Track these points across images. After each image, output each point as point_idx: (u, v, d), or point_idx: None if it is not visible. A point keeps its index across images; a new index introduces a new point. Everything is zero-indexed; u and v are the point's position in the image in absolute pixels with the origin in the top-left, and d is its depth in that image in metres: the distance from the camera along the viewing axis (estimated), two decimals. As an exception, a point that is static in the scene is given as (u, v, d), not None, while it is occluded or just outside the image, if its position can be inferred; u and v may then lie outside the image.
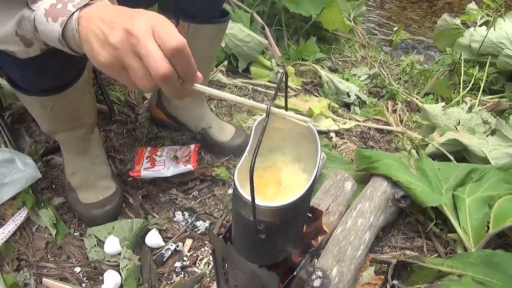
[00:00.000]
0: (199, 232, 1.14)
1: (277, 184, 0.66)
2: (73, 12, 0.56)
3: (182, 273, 1.05)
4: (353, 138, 1.53)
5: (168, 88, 0.54)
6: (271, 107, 0.56)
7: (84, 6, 0.57)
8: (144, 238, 1.10)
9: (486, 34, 1.86)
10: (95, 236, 1.09)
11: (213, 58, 1.25)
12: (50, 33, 0.59)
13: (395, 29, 2.68)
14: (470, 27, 2.05)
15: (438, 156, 1.37)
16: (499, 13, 1.88)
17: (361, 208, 1.10)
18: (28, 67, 0.82)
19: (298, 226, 0.73)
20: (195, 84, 0.57)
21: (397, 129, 1.57)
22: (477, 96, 1.69)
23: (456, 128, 1.45)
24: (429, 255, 1.14)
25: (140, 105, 1.48)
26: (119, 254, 1.05)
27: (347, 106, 1.72)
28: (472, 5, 2.27)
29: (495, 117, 1.46)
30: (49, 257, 1.06)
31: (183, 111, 1.30)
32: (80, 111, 1.03)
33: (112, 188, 1.14)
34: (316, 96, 1.73)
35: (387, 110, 1.71)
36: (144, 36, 0.51)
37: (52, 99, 0.92)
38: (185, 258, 1.08)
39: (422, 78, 1.99)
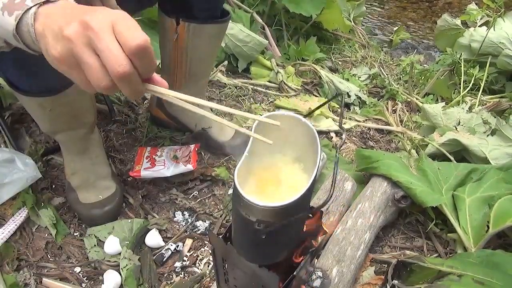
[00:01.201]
0: (199, 232, 1.14)
1: (277, 183, 0.66)
2: (30, 7, 0.53)
3: (182, 273, 1.05)
4: (353, 138, 1.53)
5: (127, 88, 0.50)
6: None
7: (45, 3, 0.53)
8: (144, 238, 1.10)
9: (486, 34, 1.86)
10: (95, 236, 1.09)
11: (213, 57, 1.25)
12: (4, 27, 0.56)
13: (395, 29, 2.68)
14: (470, 27, 2.05)
15: (438, 156, 1.37)
16: (499, 13, 1.88)
17: (361, 208, 1.10)
18: (26, 69, 0.82)
19: (298, 226, 0.73)
20: (165, 90, 0.53)
21: (397, 129, 1.57)
22: (477, 96, 1.69)
23: (456, 128, 1.45)
24: (429, 255, 1.14)
25: (140, 105, 1.48)
26: (119, 254, 1.05)
27: (347, 106, 1.72)
28: (472, 5, 2.27)
29: (495, 117, 1.46)
30: (49, 257, 1.06)
31: (183, 111, 1.29)
32: (80, 111, 1.02)
33: (112, 188, 1.14)
34: (316, 96, 1.73)
35: (387, 110, 1.71)
36: (103, 30, 0.47)
37: (51, 99, 0.92)
38: (185, 258, 1.08)
39: (422, 78, 1.99)
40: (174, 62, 1.16)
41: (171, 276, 1.04)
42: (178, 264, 1.06)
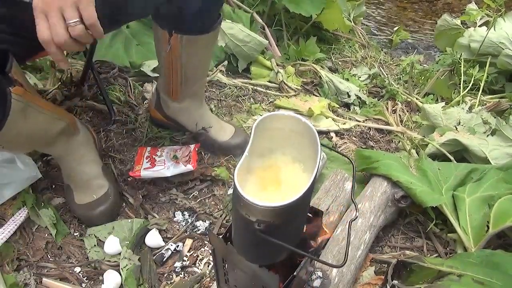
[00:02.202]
0: (199, 232, 1.14)
1: (277, 184, 0.66)
2: None
3: (182, 273, 1.05)
4: (353, 138, 1.53)
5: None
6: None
7: None
8: (144, 238, 1.10)
9: (486, 34, 1.86)
10: (95, 236, 1.09)
11: (208, 61, 1.24)
12: None
13: (395, 29, 2.68)
14: (470, 27, 2.05)
15: (438, 156, 1.37)
16: (499, 13, 1.88)
17: (361, 208, 1.10)
18: None
19: (298, 226, 0.73)
20: None
21: (397, 129, 1.57)
22: (477, 96, 1.69)
23: (456, 128, 1.45)
24: (429, 255, 1.14)
25: (140, 105, 1.48)
26: (119, 254, 1.05)
27: (347, 106, 1.72)
28: (472, 5, 2.27)
29: (495, 117, 1.46)
30: (49, 257, 1.06)
31: (182, 113, 1.29)
32: (38, 133, 0.97)
33: (105, 187, 1.13)
34: (316, 96, 1.73)
35: (387, 110, 1.71)
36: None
37: None
38: (185, 258, 1.08)
39: (422, 78, 1.99)
40: (169, 69, 1.16)
41: (171, 276, 1.04)
42: (178, 264, 1.06)
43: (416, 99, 1.78)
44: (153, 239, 1.09)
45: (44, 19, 0.67)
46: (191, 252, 1.10)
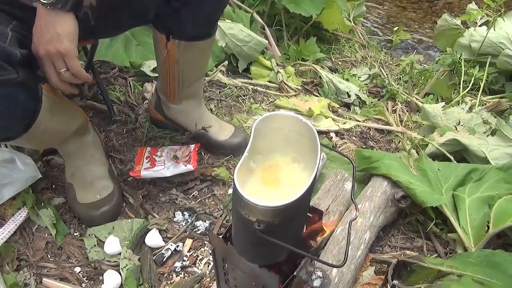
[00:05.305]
0: (199, 232, 1.14)
1: (277, 183, 0.66)
2: None
3: (182, 273, 1.05)
4: (353, 138, 1.53)
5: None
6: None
7: None
8: (144, 238, 1.10)
9: (486, 34, 1.86)
10: (95, 236, 1.09)
11: (206, 63, 1.24)
12: None
13: (395, 29, 2.68)
14: (470, 27, 2.05)
15: (438, 156, 1.37)
16: (499, 13, 1.88)
17: (361, 208, 1.10)
18: None
19: (298, 226, 0.73)
20: None
21: (397, 129, 1.57)
22: (477, 96, 1.69)
23: (456, 128, 1.45)
24: (429, 255, 1.14)
25: (140, 105, 1.48)
26: (119, 254, 1.05)
27: (347, 106, 1.72)
28: (472, 5, 2.26)
29: (495, 117, 1.46)
30: (49, 257, 1.06)
31: (181, 114, 1.30)
32: (60, 129, 1.02)
33: (110, 188, 1.14)
34: (316, 96, 1.73)
35: (387, 110, 1.71)
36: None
37: (25, 137, 0.89)
38: (185, 258, 1.08)
39: (422, 78, 1.99)
40: (166, 72, 1.17)
41: (171, 276, 1.04)
42: (178, 264, 1.06)
43: (416, 99, 1.78)
44: (153, 239, 1.09)
45: (43, 64, 0.82)
46: (191, 252, 1.10)
